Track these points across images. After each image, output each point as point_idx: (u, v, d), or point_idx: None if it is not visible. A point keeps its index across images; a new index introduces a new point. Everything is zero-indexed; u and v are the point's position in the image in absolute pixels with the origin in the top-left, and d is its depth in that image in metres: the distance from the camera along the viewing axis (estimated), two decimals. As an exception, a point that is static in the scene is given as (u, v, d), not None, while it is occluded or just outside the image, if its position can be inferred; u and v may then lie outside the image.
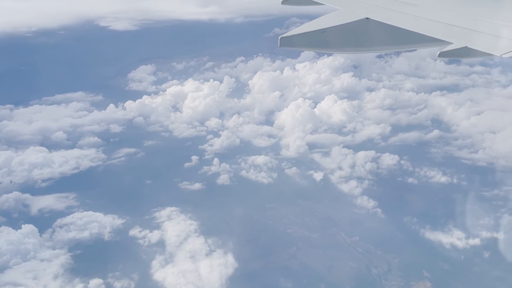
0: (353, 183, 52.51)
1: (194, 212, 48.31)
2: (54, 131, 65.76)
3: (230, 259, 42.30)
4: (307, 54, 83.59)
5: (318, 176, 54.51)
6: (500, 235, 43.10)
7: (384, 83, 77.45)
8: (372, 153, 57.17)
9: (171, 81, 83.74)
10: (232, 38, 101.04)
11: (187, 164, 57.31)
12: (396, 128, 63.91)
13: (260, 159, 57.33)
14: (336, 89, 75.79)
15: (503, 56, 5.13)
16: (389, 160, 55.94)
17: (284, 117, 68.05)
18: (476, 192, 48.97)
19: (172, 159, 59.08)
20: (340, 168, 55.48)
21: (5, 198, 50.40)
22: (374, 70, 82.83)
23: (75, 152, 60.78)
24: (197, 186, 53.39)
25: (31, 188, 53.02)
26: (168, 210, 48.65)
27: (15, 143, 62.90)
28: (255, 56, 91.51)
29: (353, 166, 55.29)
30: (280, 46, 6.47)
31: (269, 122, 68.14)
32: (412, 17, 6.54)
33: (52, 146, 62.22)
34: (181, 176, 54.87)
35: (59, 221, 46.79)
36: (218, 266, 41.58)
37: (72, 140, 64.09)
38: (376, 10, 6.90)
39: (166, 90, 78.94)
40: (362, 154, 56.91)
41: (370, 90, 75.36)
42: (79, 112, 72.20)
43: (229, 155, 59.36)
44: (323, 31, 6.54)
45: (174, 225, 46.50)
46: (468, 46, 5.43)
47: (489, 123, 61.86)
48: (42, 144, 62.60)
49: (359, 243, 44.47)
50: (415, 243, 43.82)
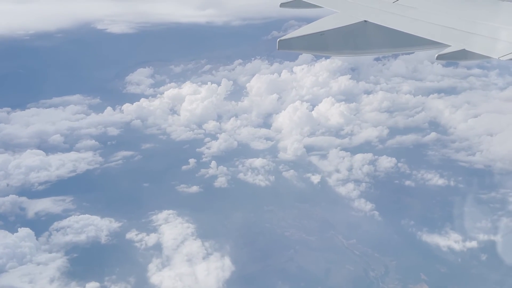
0: (350, 185, 52.51)
1: (191, 215, 48.24)
2: (51, 134, 65.66)
3: (227, 262, 42.21)
4: (305, 57, 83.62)
5: (316, 178, 54.51)
6: (497, 238, 43.11)
7: (381, 86, 77.61)
8: (369, 155, 57.19)
9: (169, 84, 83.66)
10: (230, 41, 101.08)
11: (184, 167, 57.27)
12: (394, 131, 63.97)
13: (257, 162, 57.31)
14: (333, 91, 75.88)
15: (501, 58, 5.14)
16: (386, 162, 55.98)
17: (282, 119, 68.09)
18: (474, 194, 48.99)
19: (170, 162, 59.00)
20: (337, 170, 55.50)
21: (1, 201, 50.31)
22: (372, 73, 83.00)
23: (72, 155, 60.65)
24: (194, 189, 53.33)
25: (28, 191, 52.92)
26: (165, 213, 48.56)
27: (12, 146, 62.79)
28: (253, 58, 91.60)
29: (350, 169, 55.31)
30: (278, 49, 6.51)
31: (266, 124, 68.15)
32: (410, 19, 6.54)
33: (49, 149, 62.10)
34: (178, 179, 54.81)
35: (56, 224, 46.71)
36: (215, 269, 41.49)
37: (69, 143, 64.02)
38: (374, 13, 6.91)
39: (163, 93, 79.02)
40: (359, 157, 56.93)
41: (368, 92, 75.54)
42: (77, 115, 72.08)
43: (226, 157, 59.31)
44: (322, 33, 6.57)
45: (171, 228, 46.42)
46: (466, 49, 5.45)
47: (486, 125, 61.97)
48: (39, 147, 62.50)
49: (357, 246, 44.44)
50: (413, 246, 43.81)
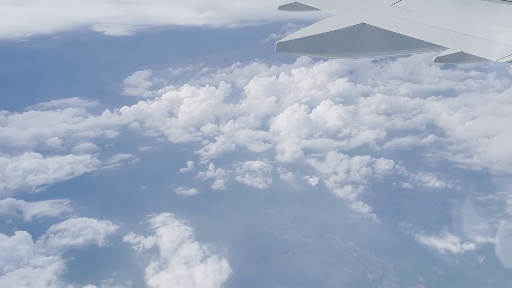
0: (348, 188, 52.53)
1: (189, 218, 48.17)
2: (49, 137, 65.53)
3: (225, 265, 42.16)
4: (302, 59, 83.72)
5: (314, 181, 54.51)
6: (495, 240, 43.12)
7: (379, 88, 77.65)
8: (367, 158, 57.21)
9: (167, 86, 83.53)
10: (228, 44, 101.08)
11: (182, 170, 57.22)
12: (391, 133, 64.02)
13: (255, 164, 57.28)
14: (331, 94, 75.88)
15: (499, 61, 5.14)
16: (384, 165, 56.00)
17: (280, 122, 68.10)
18: (471, 197, 49.01)
19: (168, 164, 58.93)
20: (335, 173, 55.51)
21: (-1, 204, 50.24)
22: (370, 75, 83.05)
23: (70, 158, 60.52)
24: (192, 191, 53.28)
25: (25, 194, 52.80)
26: (163, 216, 48.49)
27: (10, 149, 62.62)
28: (251, 61, 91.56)
29: (348, 171, 55.32)
30: (277, 51, 6.49)
31: (264, 127, 68.15)
32: (408, 22, 6.54)
33: (46, 152, 61.97)
34: (176, 182, 54.76)
35: (53, 227, 46.61)
36: (213, 272, 41.44)
37: (67, 146, 63.86)
38: (373, 16, 6.93)
39: (161, 96, 78.84)
40: (357, 159, 56.96)
41: (366, 95, 75.57)
42: (74, 118, 71.90)
43: (224, 160, 59.28)
44: (320, 36, 6.57)
45: (169, 230, 46.35)
46: (464, 51, 5.45)
47: (484, 127, 62.07)
48: (36, 150, 62.31)
49: (354, 248, 44.42)
50: (410, 248, 43.81)
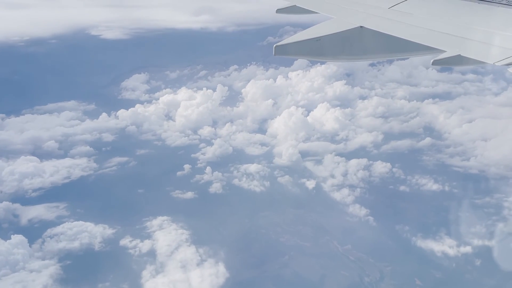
0: (345, 191, 52.49)
1: (186, 221, 48.06)
2: (46, 140, 65.37)
3: (222, 268, 42.03)
4: (300, 62, 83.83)
5: (311, 184, 54.46)
6: (492, 243, 43.10)
7: (376, 91, 77.76)
8: (364, 161, 57.22)
9: (164, 89, 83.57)
10: (225, 47, 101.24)
11: (179, 173, 57.14)
12: (388, 136, 64.07)
13: (252, 168, 57.23)
14: (328, 97, 75.97)
15: (496, 64, 5.15)
16: (381, 168, 56.02)
17: (277, 125, 68.09)
18: (468, 199, 49.00)
19: (165, 167, 58.83)
20: (332, 176, 55.48)
21: (-6, 208, 50.07)
22: (367, 78, 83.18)
23: (67, 161, 60.37)
24: (189, 194, 53.17)
25: (22, 198, 52.61)
26: (159, 219, 48.36)
27: (6, 153, 62.46)
28: (248, 64, 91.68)
29: (345, 174, 55.31)
30: (275, 54, 6.54)
31: (262, 130, 68.13)
32: (406, 25, 6.56)
33: (43, 155, 61.82)
34: (173, 185, 54.66)
35: (49, 231, 46.43)
36: (209, 275, 41.30)
37: (64, 150, 63.75)
38: (370, 19, 6.95)
39: (159, 99, 78.86)
40: (354, 162, 56.96)
41: (363, 98, 75.67)
42: (71, 121, 71.78)
43: (221, 163, 59.21)
44: (318, 39, 6.60)
45: (166, 234, 46.23)
46: (461, 54, 5.48)
47: (480, 130, 62.15)
48: (33, 154, 62.16)
49: (352, 251, 44.34)
50: (407, 251, 43.76)
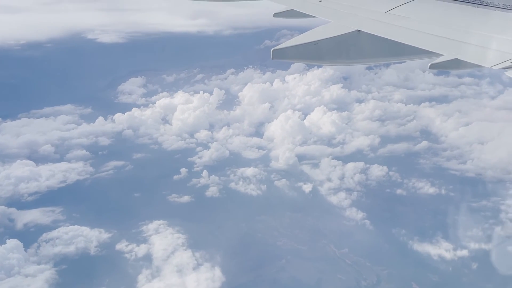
0: (342, 194, 52.45)
1: (182, 225, 47.91)
2: (42, 144, 65.16)
3: (218, 272, 41.86)
4: (297, 66, 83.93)
5: (307, 188, 54.40)
6: (488, 246, 43.08)
7: (373, 95, 77.94)
8: (361, 164, 57.21)
9: (160, 93, 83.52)
10: (222, 50, 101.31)
11: (176, 177, 57.00)
12: (385, 139, 64.12)
13: (249, 171, 57.16)
14: (325, 100, 76.03)
15: (493, 67, 5.14)
16: (378, 171, 56.00)
17: (274, 128, 68.09)
18: (465, 203, 49.00)
19: (161, 171, 58.73)
20: (329, 179, 55.45)
21: (-10, 213, 49.80)
22: (364, 82, 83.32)
23: (63, 165, 60.17)
24: (185, 198, 53.04)
25: (17, 202, 52.35)
26: (155, 224, 48.19)
27: (2, 157, 62.16)
28: (245, 68, 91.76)
29: (342, 178, 55.29)
30: (272, 58, 6.50)
31: (258, 134, 68.13)
32: (403, 29, 6.55)
33: (39, 159, 61.61)
34: (169, 189, 54.52)
35: (45, 235, 46.19)
36: (206, 280, 41.13)
37: (60, 154, 63.52)
38: (367, 23, 6.94)
39: (155, 103, 78.75)
40: (351, 166, 56.95)
41: (360, 101, 75.79)
42: (68, 125, 71.61)
43: (218, 167, 59.12)
44: (315, 43, 6.59)
45: (162, 238, 46.05)
46: (458, 58, 5.48)
47: (477, 134, 62.25)
48: (29, 158, 61.89)
49: (348, 255, 44.25)
50: (404, 255, 43.68)
